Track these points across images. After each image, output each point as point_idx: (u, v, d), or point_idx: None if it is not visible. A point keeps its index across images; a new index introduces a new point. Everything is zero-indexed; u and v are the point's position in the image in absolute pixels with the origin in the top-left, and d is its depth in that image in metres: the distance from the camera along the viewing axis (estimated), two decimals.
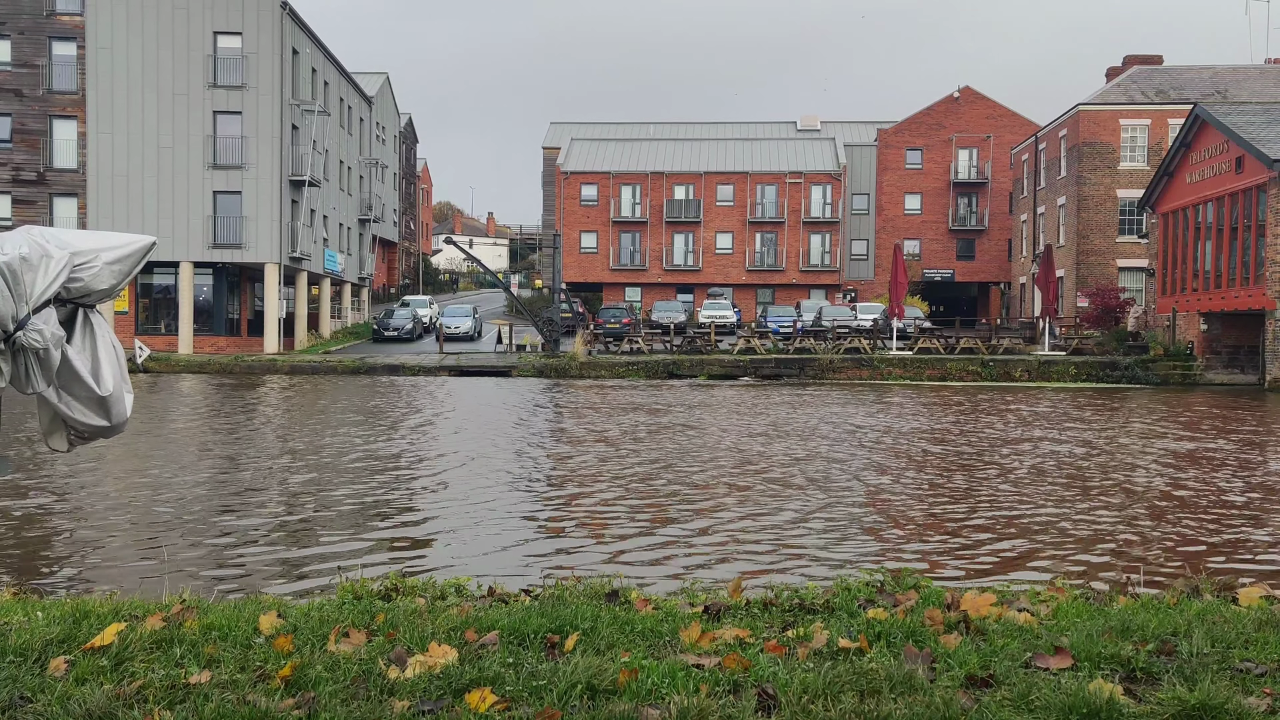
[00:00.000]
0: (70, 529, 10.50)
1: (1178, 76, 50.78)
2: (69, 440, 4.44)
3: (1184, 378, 35.75)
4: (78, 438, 4.43)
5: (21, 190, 45.27)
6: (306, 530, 10.42)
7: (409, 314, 52.26)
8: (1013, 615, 4.80)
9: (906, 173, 67.18)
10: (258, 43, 44.59)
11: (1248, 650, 4.25)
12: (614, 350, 42.66)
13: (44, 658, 4.10)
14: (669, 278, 66.17)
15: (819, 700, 3.64)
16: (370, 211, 62.08)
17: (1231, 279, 35.02)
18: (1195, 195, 37.51)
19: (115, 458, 15.57)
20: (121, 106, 44.26)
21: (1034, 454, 16.64)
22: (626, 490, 12.92)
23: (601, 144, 69.39)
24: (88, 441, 4.44)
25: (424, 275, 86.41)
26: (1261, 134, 33.80)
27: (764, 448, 17.16)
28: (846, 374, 37.72)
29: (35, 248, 4.19)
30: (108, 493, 12.69)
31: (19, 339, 4.02)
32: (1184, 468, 15.24)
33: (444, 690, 3.73)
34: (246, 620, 4.62)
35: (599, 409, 25.18)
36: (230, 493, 12.62)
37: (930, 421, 21.93)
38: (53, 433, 4.39)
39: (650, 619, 4.72)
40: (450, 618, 4.71)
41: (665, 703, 3.58)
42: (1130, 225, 48.10)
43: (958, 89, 67.14)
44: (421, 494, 12.94)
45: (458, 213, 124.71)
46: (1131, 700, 3.68)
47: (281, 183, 45.10)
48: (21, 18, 44.89)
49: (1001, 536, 10.25)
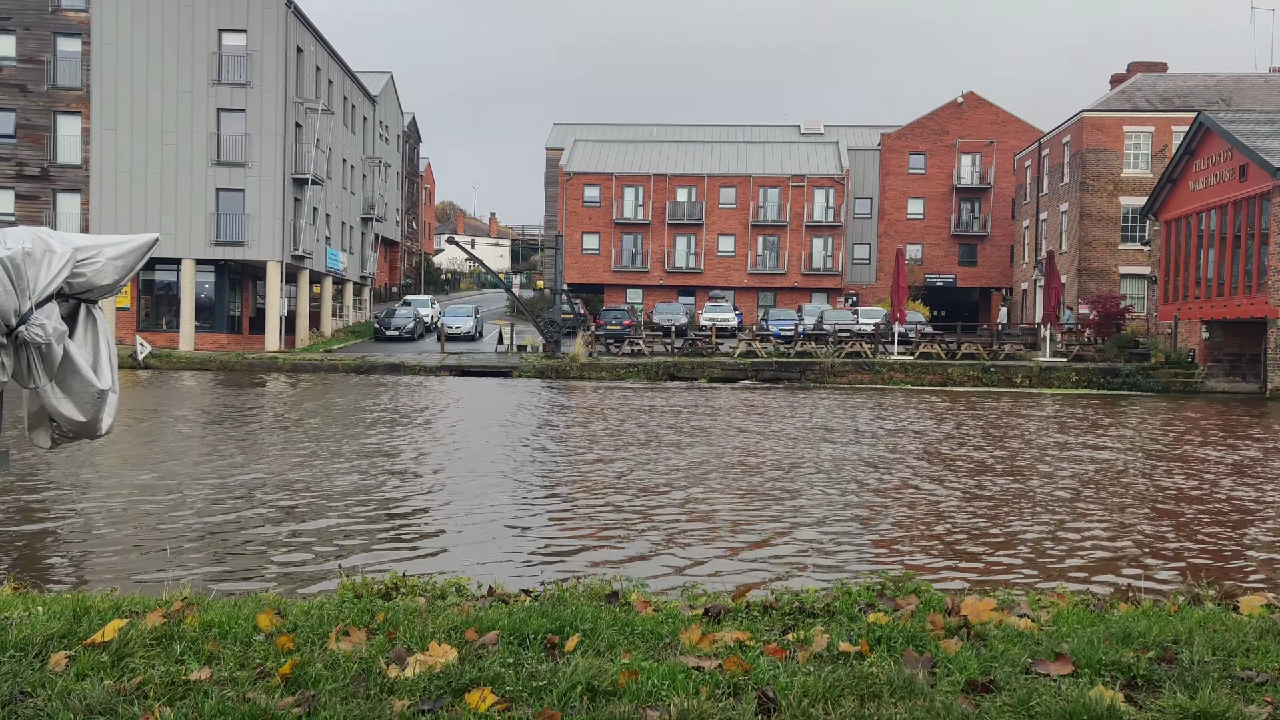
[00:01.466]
0: (71, 525, 10.50)
1: (1182, 84, 50.78)
2: (51, 438, 4.43)
3: (1185, 385, 35.72)
4: (61, 436, 4.42)
5: (25, 186, 45.29)
6: (307, 528, 10.42)
7: (410, 313, 52.26)
8: (1013, 621, 4.79)
9: (909, 177, 67.16)
10: (262, 40, 44.62)
11: (1249, 658, 4.25)
12: (615, 352, 42.65)
13: (44, 653, 4.09)
14: (670, 280, 66.17)
15: (819, 704, 3.64)
16: (373, 210, 62.11)
17: (1234, 287, 34.99)
18: (1198, 203, 37.50)
19: (117, 454, 15.57)
20: (126, 103, 44.28)
21: (1042, 459, 16.63)
22: (628, 491, 12.90)
23: (604, 146, 69.41)
24: (70, 440, 4.43)
25: (426, 275, 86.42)
26: (1265, 142, 33.77)
27: (764, 448, 17.15)
28: (847, 378, 37.71)
29: (38, 243, 4.19)
30: (109, 488, 12.68)
31: (21, 333, 4.01)
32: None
33: (444, 690, 3.73)
34: (247, 618, 4.61)
35: (600, 410, 25.17)
36: (231, 490, 12.61)
37: (935, 425, 21.92)
38: (36, 427, 4.39)
39: (650, 621, 4.72)
40: (450, 617, 4.70)
41: (665, 705, 3.58)
42: (1133, 232, 48.07)
43: (961, 94, 67.11)
44: (422, 494, 12.93)
45: (460, 213, 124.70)
46: (1132, 707, 3.68)
47: (284, 181, 45.11)
48: (27, 13, 44.93)
49: (1010, 544, 10.24)
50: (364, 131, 60.84)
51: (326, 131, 50.57)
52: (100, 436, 4.46)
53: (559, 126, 78.34)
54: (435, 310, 56.43)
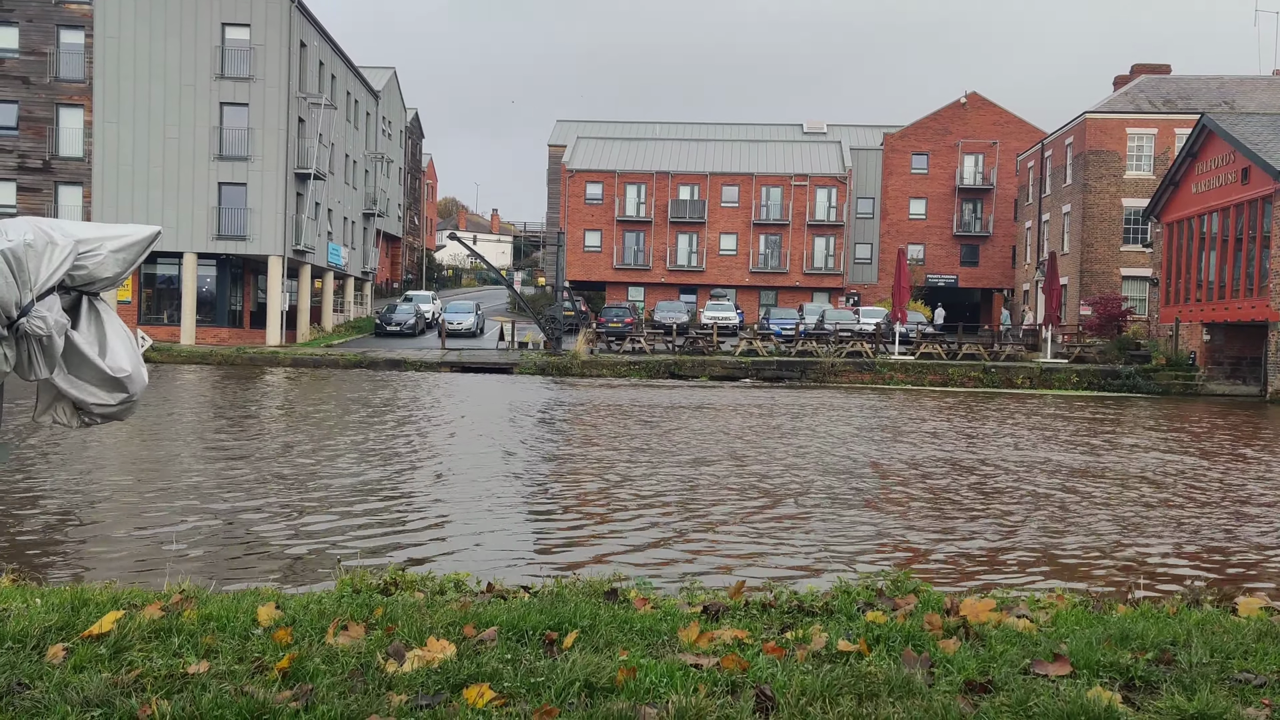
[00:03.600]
0: (70, 517, 10.50)
1: (1185, 86, 50.74)
2: (81, 420, 4.43)
3: (1185, 388, 35.71)
4: (92, 419, 4.43)
5: (27, 178, 45.29)
6: (306, 523, 10.42)
7: (412, 309, 52.26)
8: (1012, 621, 4.79)
9: (912, 177, 67.12)
10: (265, 35, 44.61)
11: (1247, 661, 4.25)
12: (616, 349, 42.66)
13: (42, 645, 4.09)
14: (672, 278, 66.15)
15: (817, 702, 3.64)
16: (375, 206, 62.09)
17: (1235, 290, 34.99)
18: (1200, 205, 37.48)
19: (116, 446, 15.58)
20: (128, 96, 44.28)
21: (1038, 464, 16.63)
22: (629, 490, 12.91)
23: (607, 143, 69.38)
24: (104, 422, 4.44)
25: (427, 271, 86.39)
26: (1268, 145, 33.76)
27: (765, 449, 17.15)
28: (848, 377, 37.72)
29: (40, 234, 4.18)
30: (108, 481, 12.69)
31: (22, 325, 4.01)
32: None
33: (442, 685, 3.73)
34: (245, 611, 4.61)
35: (601, 407, 25.17)
36: (230, 484, 12.62)
37: (938, 425, 21.92)
38: (53, 408, 4.38)
39: (649, 618, 4.72)
40: (449, 612, 4.70)
41: (663, 702, 3.58)
42: (1135, 234, 48.05)
43: (964, 95, 67.05)
44: (422, 489, 12.93)
45: (462, 209, 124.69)
46: (1130, 709, 3.68)
47: (287, 175, 45.11)
48: (30, 5, 44.91)
49: (1016, 547, 10.24)
50: (366, 127, 60.81)
51: (329, 126, 50.55)
52: (128, 416, 4.47)
53: (561, 123, 78.31)
54: (436, 306, 56.42)
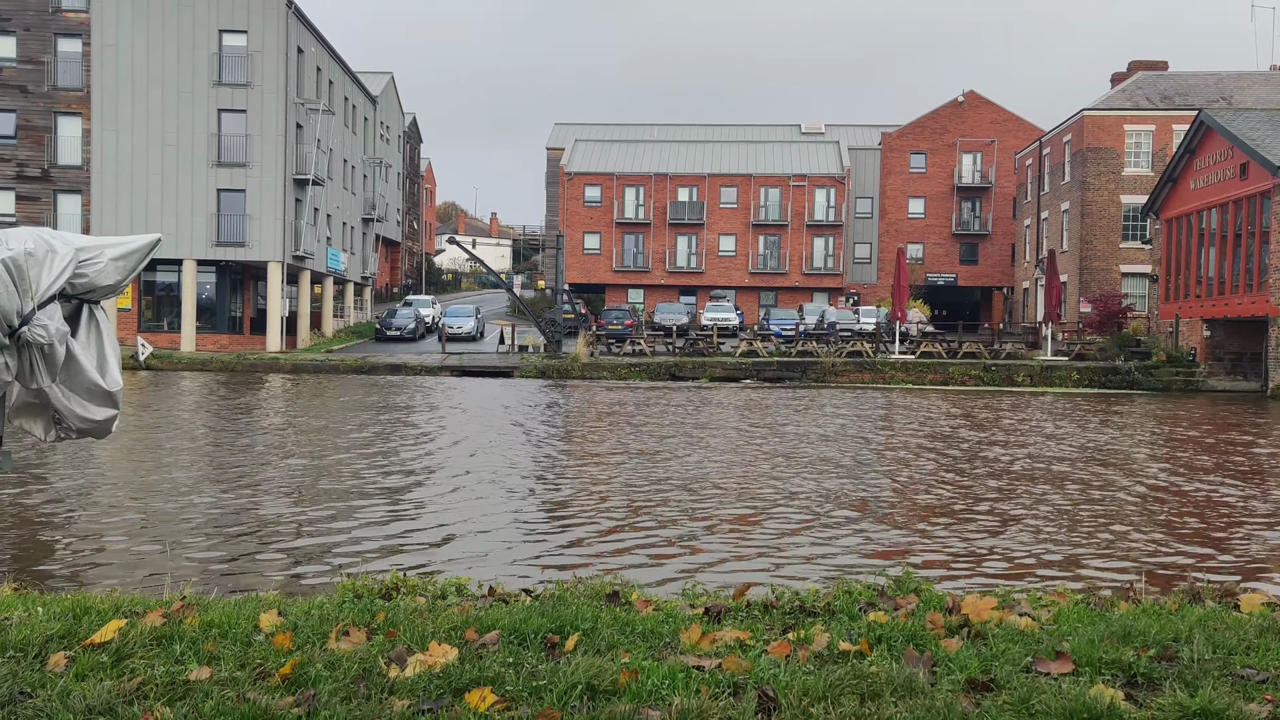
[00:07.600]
0: (71, 525, 10.50)
1: (1183, 82, 50.74)
2: (57, 433, 4.42)
3: (1186, 384, 35.69)
4: (65, 432, 4.42)
5: (25, 187, 45.30)
6: (307, 528, 10.42)
7: (411, 314, 52.26)
8: (1014, 620, 4.79)
9: (910, 177, 67.12)
10: (263, 41, 44.62)
11: (1249, 657, 4.25)
12: (616, 352, 42.65)
13: (44, 653, 4.09)
14: (672, 280, 66.15)
15: (819, 703, 3.64)
16: (374, 211, 62.10)
17: (1235, 285, 34.98)
18: (1199, 201, 37.48)
19: (117, 454, 15.58)
20: (126, 103, 44.29)
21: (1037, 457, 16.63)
22: (630, 489, 12.90)
23: (605, 145, 69.40)
24: (76, 438, 4.44)
25: (427, 275, 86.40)
26: (1266, 140, 33.76)
27: (766, 449, 17.15)
28: (848, 377, 37.71)
29: (40, 243, 4.19)
30: (109, 489, 12.69)
31: (24, 334, 4.02)
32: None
33: (444, 689, 3.73)
34: (247, 618, 4.61)
35: (602, 409, 25.17)
36: (231, 491, 12.61)
37: (938, 424, 21.92)
38: (32, 417, 4.38)
39: (651, 620, 4.72)
40: (450, 617, 4.70)
41: (666, 704, 3.58)
42: (1134, 231, 48.04)
43: (962, 93, 67.06)
44: (423, 493, 12.93)
45: (461, 213, 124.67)
46: (1132, 706, 3.68)
47: (285, 181, 45.12)
48: (27, 13, 44.93)
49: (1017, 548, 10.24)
50: (365, 132, 60.83)
51: (327, 132, 50.57)
52: (107, 434, 4.46)
53: (560, 126, 78.31)
54: (436, 310, 56.43)
